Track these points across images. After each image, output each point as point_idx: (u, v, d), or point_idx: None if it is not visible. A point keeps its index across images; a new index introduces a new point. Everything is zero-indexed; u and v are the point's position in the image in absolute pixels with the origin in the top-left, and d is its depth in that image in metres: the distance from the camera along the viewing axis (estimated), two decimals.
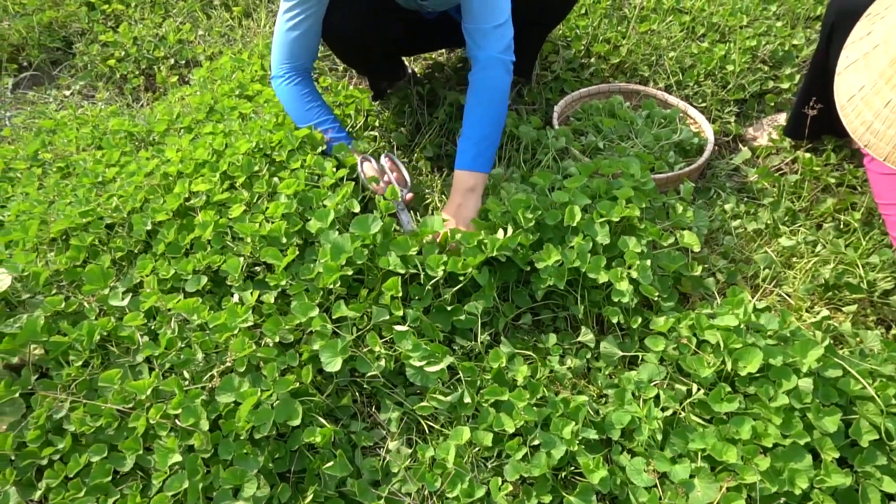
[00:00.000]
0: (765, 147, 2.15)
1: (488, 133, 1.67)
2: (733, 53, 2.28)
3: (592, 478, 1.20)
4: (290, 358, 1.36)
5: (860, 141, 1.22)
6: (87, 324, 1.37)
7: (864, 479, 1.17)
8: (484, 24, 1.61)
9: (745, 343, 1.29)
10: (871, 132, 1.19)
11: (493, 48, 1.64)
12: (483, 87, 1.67)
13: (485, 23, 1.61)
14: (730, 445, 1.19)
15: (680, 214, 1.57)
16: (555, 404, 1.31)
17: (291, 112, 1.80)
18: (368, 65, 2.07)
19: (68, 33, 2.77)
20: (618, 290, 1.41)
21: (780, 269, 1.71)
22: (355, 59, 2.02)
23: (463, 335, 1.47)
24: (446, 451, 1.25)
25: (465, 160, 1.64)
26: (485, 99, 1.67)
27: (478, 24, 1.62)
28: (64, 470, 1.24)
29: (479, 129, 1.66)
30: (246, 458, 1.23)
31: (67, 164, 1.94)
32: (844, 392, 1.25)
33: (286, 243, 1.50)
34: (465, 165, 1.64)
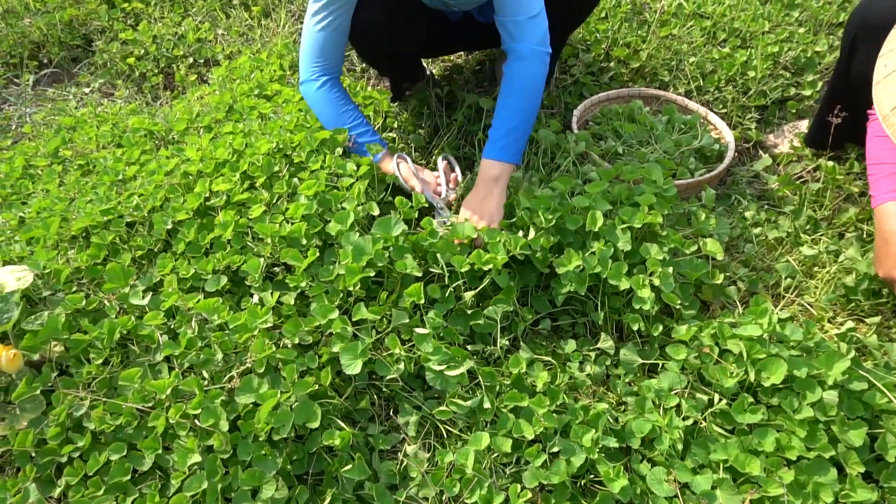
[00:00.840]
0: (786, 154, 2.13)
1: (518, 124, 1.65)
2: (755, 59, 2.26)
3: (613, 487, 1.19)
4: (310, 360, 1.35)
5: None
6: (108, 322, 1.38)
7: (889, 495, 1.15)
8: (518, 15, 1.60)
9: (769, 353, 1.28)
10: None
11: (528, 40, 1.62)
12: (517, 77, 1.65)
13: (519, 14, 1.60)
14: (753, 457, 1.18)
15: (703, 222, 1.56)
16: (574, 411, 1.30)
17: (324, 116, 1.79)
18: (391, 65, 2.06)
19: (88, 31, 2.78)
20: (639, 298, 1.40)
21: (801, 279, 1.69)
22: (379, 58, 2.00)
23: (482, 339, 1.47)
24: (465, 456, 1.24)
25: (492, 149, 1.63)
26: (518, 90, 1.66)
27: (512, 17, 1.61)
28: (83, 468, 1.25)
29: (510, 120, 1.65)
30: (265, 459, 1.23)
31: (87, 162, 1.95)
32: (870, 405, 1.23)
33: (306, 244, 1.50)
34: (492, 155, 1.63)
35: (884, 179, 1.52)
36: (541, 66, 1.66)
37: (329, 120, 1.78)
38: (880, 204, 1.50)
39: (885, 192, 1.50)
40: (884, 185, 1.51)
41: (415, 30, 1.84)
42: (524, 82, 1.65)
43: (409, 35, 1.83)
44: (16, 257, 1.58)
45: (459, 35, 2.08)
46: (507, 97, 1.66)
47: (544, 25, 1.65)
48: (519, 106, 1.66)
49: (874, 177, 1.55)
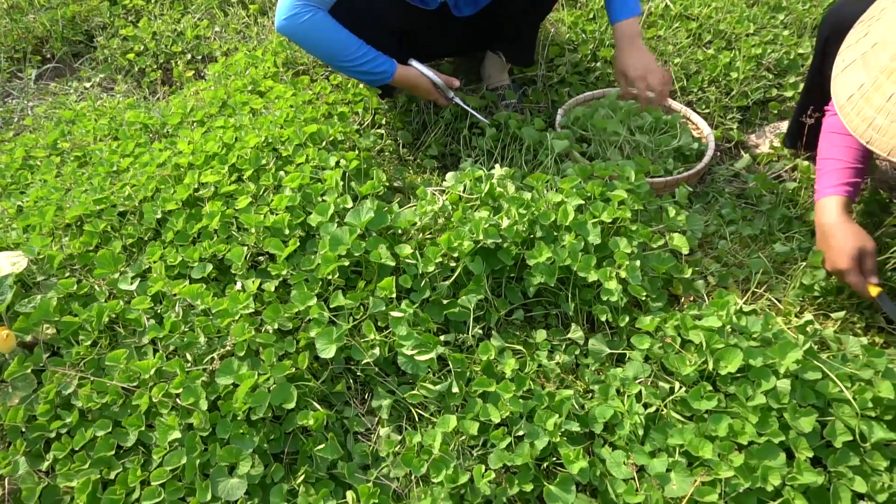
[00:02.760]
0: (766, 154, 2.17)
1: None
2: (738, 61, 2.31)
3: (572, 468, 1.24)
4: (289, 345, 1.41)
5: (862, 138, 1.25)
6: (97, 306, 1.44)
7: (836, 479, 1.20)
8: None
9: (727, 344, 1.33)
10: (872, 128, 1.22)
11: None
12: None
13: None
14: (706, 441, 1.23)
15: (672, 218, 1.61)
16: (540, 397, 1.36)
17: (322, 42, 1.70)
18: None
19: (90, 27, 2.86)
20: (607, 289, 1.45)
21: (772, 275, 1.74)
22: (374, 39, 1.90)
23: (456, 328, 1.52)
24: (433, 437, 1.30)
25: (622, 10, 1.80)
26: None
27: None
28: (70, 443, 1.31)
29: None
30: (242, 437, 1.29)
31: (84, 154, 2.02)
32: (822, 394, 1.28)
33: (289, 235, 1.56)
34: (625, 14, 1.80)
35: (828, 174, 1.58)
36: None
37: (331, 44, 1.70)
38: (821, 198, 1.56)
39: (827, 187, 1.56)
40: (827, 179, 1.57)
41: (415, 18, 1.87)
42: None
43: (407, 21, 1.86)
44: (12, 244, 1.65)
45: (460, 36, 2.12)
46: None
47: None
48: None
49: (820, 171, 1.61)
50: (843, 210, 1.52)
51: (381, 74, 1.82)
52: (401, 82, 1.86)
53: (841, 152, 1.58)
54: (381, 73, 1.81)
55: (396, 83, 1.86)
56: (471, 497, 1.26)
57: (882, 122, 1.17)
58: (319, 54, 1.81)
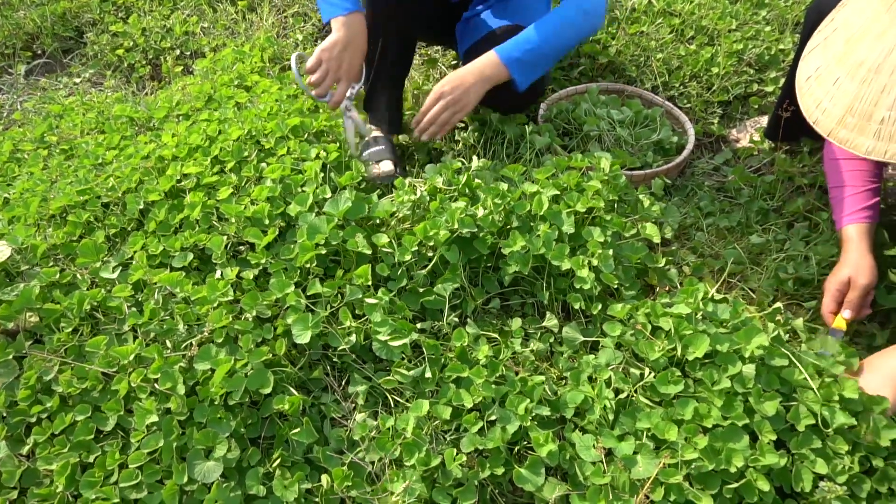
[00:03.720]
0: (746, 148, 2.20)
1: (545, 52, 1.62)
2: (719, 56, 2.33)
3: (542, 451, 1.27)
4: (266, 331, 1.44)
5: (809, 119, 1.27)
6: (79, 294, 1.47)
7: (798, 461, 1.23)
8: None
9: (696, 330, 1.35)
10: (819, 109, 1.25)
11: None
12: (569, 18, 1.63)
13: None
14: (672, 425, 1.25)
15: (647, 208, 1.63)
16: (513, 383, 1.38)
17: None
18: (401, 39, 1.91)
19: (80, 23, 2.88)
20: (580, 278, 1.48)
21: (748, 265, 1.77)
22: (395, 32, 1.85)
23: (433, 316, 1.55)
24: (406, 422, 1.32)
25: (507, 53, 1.60)
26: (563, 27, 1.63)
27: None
28: (50, 427, 1.33)
29: (541, 44, 1.61)
30: (219, 422, 1.31)
31: (71, 147, 2.05)
32: (787, 381, 1.31)
33: (268, 224, 1.59)
34: (501, 55, 1.60)
35: (843, 202, 1.58)
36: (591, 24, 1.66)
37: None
38: (841, 227, 1.57)
39: (845, 216, 1.57)
40: (844, 208, 1.58)
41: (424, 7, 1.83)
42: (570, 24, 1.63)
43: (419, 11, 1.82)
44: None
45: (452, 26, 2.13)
46: (551, 23, 1.63)
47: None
48: (553, 39, 1.63)
49: (834, 200, 1.61)
50: (861, 238, 1.53)
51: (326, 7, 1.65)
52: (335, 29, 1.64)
53: (849, 178, 1.59)
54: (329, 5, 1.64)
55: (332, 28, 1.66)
56: (443, 480, 1.29)
57: (827, 105, 1.20)
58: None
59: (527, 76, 1.63)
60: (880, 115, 1.13)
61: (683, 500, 1.21)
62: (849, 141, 1.18)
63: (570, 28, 1.64)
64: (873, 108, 1.14)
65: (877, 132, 1.14)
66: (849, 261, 1.51)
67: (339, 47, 1.61)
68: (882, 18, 1.12)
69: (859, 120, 1.16)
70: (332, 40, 1.61)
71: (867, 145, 1.16)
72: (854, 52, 1.16)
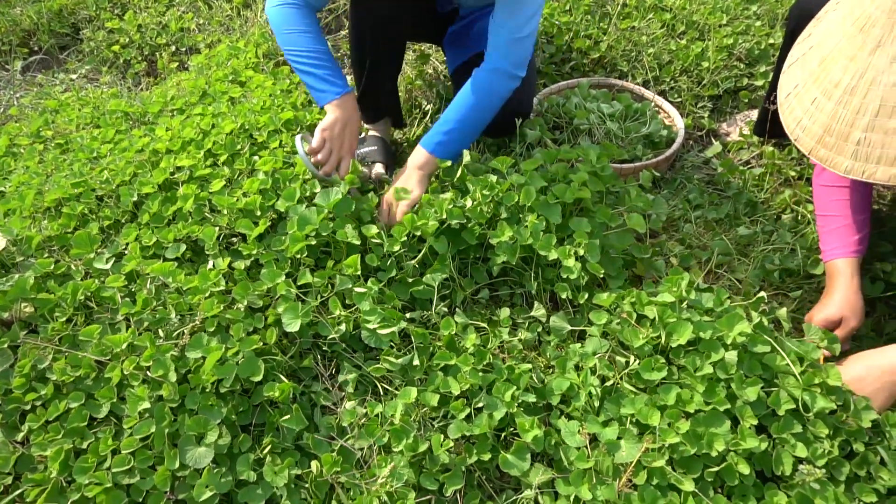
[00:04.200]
0: (736, 142, 2.22)
1: (462, 128, 1.70)
2: (709, 51, 2.35)
3: (527, 436, 1.29)
4: (257, 321, 1.46)
5: (791, 136, 1.30)
6: (73, 284, 1.49)
7: (779, 445, 1.25)
8: (507, 31, 1.63)
9: (679, 318, 1.37)
10: (799, 127, 1.27)
11: (508, 57, 1.66)
12: (484, 89, 1.68)
13: (508, 30, 1.63)
14: (655, 410, 1.28)
15: (634, 199, 1.65)
16: (500, 371, 1.40)
17: (282, 36, 1.69)
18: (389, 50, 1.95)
19: (77, 20, 2.90)
20: (566, 267, 1.50)
21: (735, 256, 1.79)
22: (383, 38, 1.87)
23: (422, 306, 1.57)
24: (394, 408, 1.35)
25: (429, 141, 1.70)
26: (479, 100, 1.69)
27: (508, 27, 1.63)
28: (45, 414, 1.35)
29: (456, 122, 1.69)
30: (210, 409, 1.34)
31: (67, 141, 2.07)
32: (769, 367, 1.33)
33: (260, 216, 1.61)
34: (425, 145, 1.69)
35: (832, 234, 1.55)
36: (508, 86, 1.70)
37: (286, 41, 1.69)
38: (829, 260, 1.53)
39: (833, 249, 1.53)
40: (832, 240, 1.54)
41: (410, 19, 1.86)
42: (489, 97, 1.69)
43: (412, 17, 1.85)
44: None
45: (441, 29, 2.13)
46: (466, 99, 1.69)
47: (528, 50, 1.69)
48: (471, 114, 1.70)
49: (823, 230, 1.58)
50: (853, 274, 1.48)
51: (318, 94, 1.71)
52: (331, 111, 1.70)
53: (838, 207, 1.55)
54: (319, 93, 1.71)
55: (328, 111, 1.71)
56: (430, 465, 1.31)
57: (807, 124, 1.22)
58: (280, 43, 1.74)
59: (452, 153, 1.71)
60: (857, 136, 1.15)
61: (666, 483, 1.23)
62: (829, 160, 1.20)
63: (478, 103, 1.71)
64: (850, 128, 1.16)
65: (854, 152, 1.16)
66: (841, 299, 1.46)
67: (338, 126, 1.69)
68: (855, 40, 1.14)
69: (837, 140, 1.18)
70: (331, 120, 1.68)
71: (846, 165, 1.17)
72: (829, 72, 1.18)
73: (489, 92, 1.70)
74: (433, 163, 1.70)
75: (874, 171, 1.15)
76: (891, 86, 1.11)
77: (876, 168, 1.14)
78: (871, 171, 1.15)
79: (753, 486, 1.23)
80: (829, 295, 1.49)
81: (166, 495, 1.28)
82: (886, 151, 1.13)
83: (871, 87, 1.12)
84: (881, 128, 1.13)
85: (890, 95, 1.11)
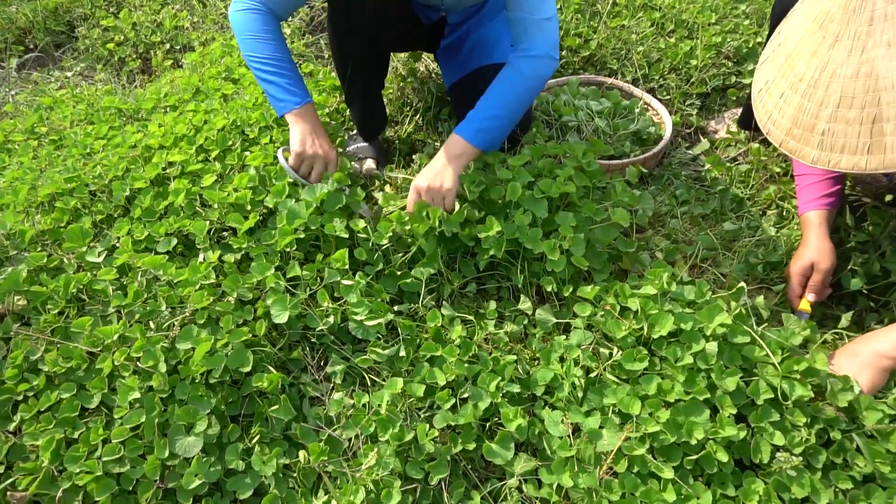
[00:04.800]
0: (723, 139, 2.24)
1: (504, 114, 1.64)
2: (698, 49, 2.38)
3: (510, 426, 1.31)
4: (247, 313, 1.48)
5: (763, 129, 1.34)
6: (65, 277, 1.51)
7: (757, 434, 1.27)
8: (536, 14, 1.59)
9: (661, 310, 1.40)
10: (770, 121, 1.32)
11: (542, 39, 1.61)
12: (525, 72, 1.62)
13: (537, 13, 1.58)
14: (636, 400, 1.30)
15: (619, 194, 1.68)
16: (486, 362, 1.43)
17: (243, 42, 1.65)
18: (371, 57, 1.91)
19: (72, 18, 2.92)
20: (551, 261, 1.52)
21: (720, 251, 1.81)
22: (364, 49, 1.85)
23: (410, 299, 1.59)
24: (380, 398, 1.37)
25: (466, 129, 1.61)
26: (520, 83, 1.63)
27: (530, 14, 1.59)
28: (37, 405, 1.37)
29: (498, 109, 1.62)
30: (200, 399, 1.36)
31: (60, 137, 2.09)
32: (749, 357, 1.35)
33: (250, 210, 1.63)
34: (463, 133, 1.61)
35: (807, 189, 1.66)
36: (548, 69, 1.65)
37: (248, 46, 1.65)
38: (803, 213, 1.65)
39: (807, 202, 1.65)
40: (806, 194, 1.66)
41: (397, 23, 1.83)
42: (530, 81, 1.64)
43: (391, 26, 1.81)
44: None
45: (425, 38, 2.09)
46: (506, 85, 1.63)
47: (556, 31, 1.63)
48: (511, 101, 1.64)
49: (799, 187, 1.70)
50: (821, 224, 1.61)
51: (278, 103, 1.68)
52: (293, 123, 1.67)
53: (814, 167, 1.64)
54: (279, 102, 1.68)
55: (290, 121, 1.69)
56: (416, 454, 1.33)
57: (777, 117, 1.27)
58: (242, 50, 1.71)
59: (493, 143, 1.66)
60: (822, 127, 1.20)
61: (646, 471, 1.25)
62: (797, 151, 1.25)
63: (522, 88, 1.66)
64: (815, 120, 1.21)
65: (820, 143, 1.21)
66: (810, 246, 1.59)
67: (308, 139, 1.66)
68: (815, 36, 1.18)
69: (804, 131, 1.23)
70: (300, 135, 1.65)
71: (813, 155, 1.22)
72: (794, 67, 1.23)
73: (533, 75, 1.63)
74: (471, 153, 1.62)
75: (839, 160, 1.19)
76: (849, 78, 1.15)
77: (840, 157, 1.19)
78: (836, 160, 1.19)
79: (732, 474, 1.25)
80: (802, 246, 1.62)
81: (156, 484, 1.30)
82: (849, 141, 1.17)
83: (831, 80, 1.17)
84: (843, 118, 1.17)
85: (849, 87, 1.15)
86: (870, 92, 1.14)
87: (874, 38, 1.13)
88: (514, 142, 1.95)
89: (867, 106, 1.15)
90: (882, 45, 1.12)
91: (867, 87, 1.14)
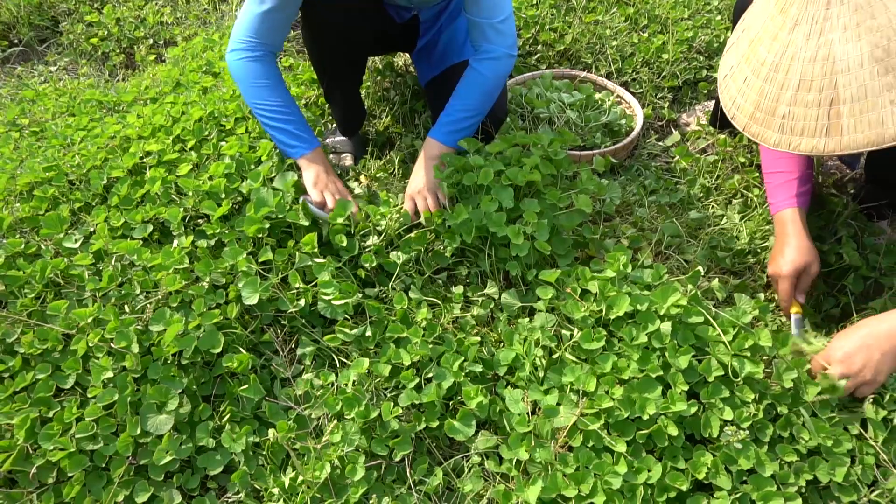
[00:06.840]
0: (694, 131, 2.30)
1: (471, 116, 1.76)
2: (670, 44, 2.43)
3: (471, 403, 1.36)
4: (219, 296, 1.52)
5: (728, 114, 1.37)
6: (42, 262, 1.54)
7: (708, 409, 1.32)
8: (493, 18, 1.68)
9: (619, 291, 1.44)
10: (734, 106, 1.35)
11: (501, 42, 1.72)
12: (485, 75, 1.74)
13: (493, 17, 1.68)
14: (592, 377, 1.35)
15: (585, 182, 1.72)
16: (450, 343, 1.47)
17: (247, 90, 1.70)
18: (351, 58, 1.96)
19: (56, 13, 2.95)
20: (515, 245, 1.57)
21: (685, 238, 1.86)
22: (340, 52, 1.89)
23: (381, 282, 1.64)
24: (347, 378, 1.41)
25: (439, 132, 1.75)
26: (482, 86, 1.75)
27: (487, 19, 1.68)
28: (12, 385, 1.41)
29: (465, 111, 1.75)
30: (172, 379, 1.40)
31: (41, 129, 2.12)
32: (702, 337, 1.40)
33: (225, 198, 1.67)
34: (437, 136, 1.75)
35: (779, 188, 1.65)
36: (508, 66, 1.77)
37: (252, 95, 1.71)
38: (777, 212, 1.63)
39: (781, 201, 1.63)
40: (779, 193, 1.64)
41: (372, 22, 1.88)
42: (491, 82, 1.75)
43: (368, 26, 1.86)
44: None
45: (400, 39, 2.12)
46: (470, 88, 1.75)
47: (513, 30, 1.74)
48: (477, 102, 1.76)
49: (771, 185, 1.68)
50: (798, 222, 1.58)
51: (289, 149, 1.73)
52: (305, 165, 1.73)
53: (785, 164, 1.65)
54: (290, 147, 1.73)
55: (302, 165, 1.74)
56: (380, 431, 1.38)
57: (740, 102, 1.30)
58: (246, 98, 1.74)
59: (467, 137, 1.78)
60: (782, 110, 1.23)
61: (601, 445, 1.30)
62: (759, 135, 1.28)
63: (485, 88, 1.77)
64: (776, 103, 1.23)
65: (780, 126, 1.24)
66: (795, 246, 1.55)
67: (322, 178, 1.72)
68: (776, 20, 1.21)
69: (766, 115, 1.26)
70: (314, 175, 1.72)
71: (774, 138, 1.25)
72: (756, 52, 1.26)
73: (494, 76, 1.75)
74: (447, 152, 1.76)
75: (799, 143, 1.22)
76: (808, 61, 1.18)
77: (800, 140, 1.21)
78: (797, 142, 1.22)
79: (682, 448, 1.30)
80: (785, 245, 1.58)
81: (128, 460, 1.34)
82: (808, 123, 1.20)
83: (791, 64, 1.20)
84: (802, 101, 1.20)
85: (807, 70, 1.18)
86: (827, 75, 1.16)
87: (831, 21, 1.15)
88: (487, 136, 2.00)
89: (825, 89, 1.17)
90: (839, 28, 1.15)
91: (825, 71, 1.16)
